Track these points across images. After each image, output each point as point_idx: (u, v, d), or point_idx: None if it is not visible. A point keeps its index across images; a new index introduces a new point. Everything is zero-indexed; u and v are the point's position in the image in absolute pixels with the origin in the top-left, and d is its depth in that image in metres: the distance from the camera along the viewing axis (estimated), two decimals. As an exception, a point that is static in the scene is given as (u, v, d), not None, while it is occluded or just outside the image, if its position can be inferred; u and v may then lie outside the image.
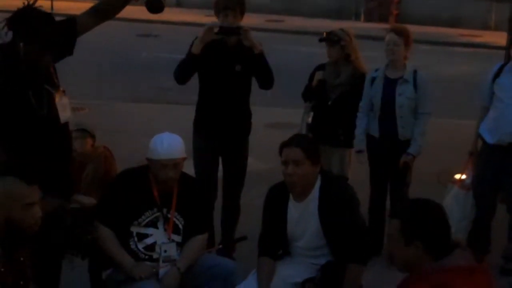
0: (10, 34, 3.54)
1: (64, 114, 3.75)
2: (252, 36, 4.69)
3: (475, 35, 18.13)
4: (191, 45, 4.73)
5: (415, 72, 5.09)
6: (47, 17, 3.55)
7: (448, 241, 2.69)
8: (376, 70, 5.21)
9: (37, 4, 3.65)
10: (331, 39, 5.23)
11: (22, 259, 3.05)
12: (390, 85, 5.07)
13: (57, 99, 3.70)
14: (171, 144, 3.84)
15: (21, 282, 3.04)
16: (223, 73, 4.78)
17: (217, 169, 5.03)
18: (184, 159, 3.90)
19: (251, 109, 5.04)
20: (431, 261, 2.64)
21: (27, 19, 3.49)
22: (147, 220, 3.84)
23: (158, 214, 3.84)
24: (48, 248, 3.49)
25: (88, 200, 5.60)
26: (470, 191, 5.11)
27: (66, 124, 3.83)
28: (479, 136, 5.08)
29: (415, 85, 5.03)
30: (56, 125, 3.69)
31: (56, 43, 3.60)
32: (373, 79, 5.14)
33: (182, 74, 4.77)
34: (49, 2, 17.61)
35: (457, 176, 5.27)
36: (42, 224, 3.00)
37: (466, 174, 5.19)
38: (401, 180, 5.17)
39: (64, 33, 3.73)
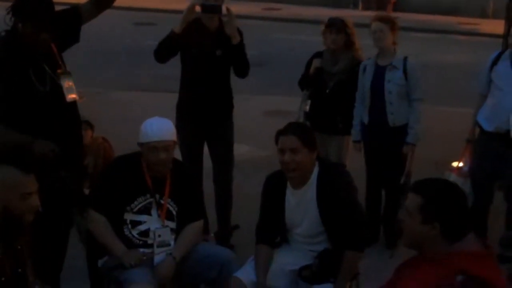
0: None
1: (70, 94, 3.83)
2: (236, 22, 4.71)
3: (473, 23, 18.12)
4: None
5: (405, 59, 5.11)
6: (45, 1, 3.66)
7: (465, 228, 2.65)
8: (368, 59, 5.23)
9: None
10: (338, 26, 5.22)
11: (19, 247, 3.05)
12: (379, 72, 5.11)
13: (61, 79, 3.79)
14: (160, 127, 3.84)
15: (19, 270, 3.05)
16: (204, 57, 4.81)
17: (202, 153, 5.04)
18: (175, 142, 3.90)
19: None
20: (444, 243, 2.61)
21: (25, 2, 3.64)
22: (139, 206, 3.83)
23: (151, 200, 3.84)
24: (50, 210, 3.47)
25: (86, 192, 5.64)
26: (467, 178, 5.12)
27: (74, 103, 3.89)
28: (476, 123, 5.09)
29: (405, 72, 5.05)
30: (61, 103, 3.78)
31: (58, 28, 3.73)
32: (365, 68, 5.17)
33: (162, 52, 4.82)
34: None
35: (455, 164, 5.28)
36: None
37: (463, 162, 5.20)
38: (399, 169, 5.18)
39: (69, 21, 3.89)
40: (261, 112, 5.67)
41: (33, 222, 3.04)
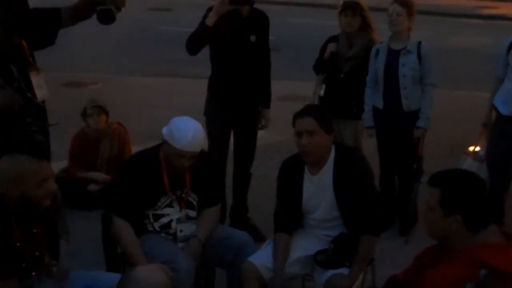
0: None
1: (40, 91, 3.77)
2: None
3: (491, 6, 17.95)
4: (204, 16, 4.73)
5: (419, 43, 5.05)
6: (19, 4, 3.60)
7: (487, 217, 2.62)
8: (381, 42, 5.18)
9: None
10: (354, 9, 5.18)
11: (35, 231, 3.09)
12: (393, 56, 5.05)
13: (32, 78, 3.73)
14: (195, 137, 3.70)
15: (37, 253, 3.09)
16: (238, 44, 4.78)
17: (229, 139, 5.05)
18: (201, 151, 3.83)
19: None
20: (467, 234, 2.58)
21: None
22: (163, 205, 3.81)
23: (173, 196, 3.82)
24: None
25: (101, 177, 5.67)
26: (483, 163, 5.09)
27: (43, 104, 3.84)
28: (493, 107, 5.05)
29: (419, 56, 5.00)
30: (29, 101, 3.70)
31: (33, 26, 3.68)
32: (377, 51, 5.12)
33: (195, 45, 4.76)
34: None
35: (471, 148, 5.25)
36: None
37: (479, 146, 5.17)
38: (413, 154, 5.16)
39: (47, 21, 3.80)
40: (276, 97, 5.67)
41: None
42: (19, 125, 3.61)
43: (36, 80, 3.75)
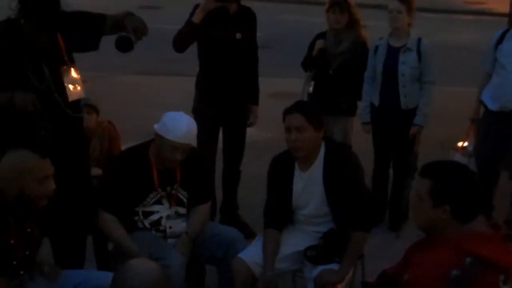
0: None
1: (74, 91, 3.77)
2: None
3: (479, 2, 17.99)
4: (191, 13, 4.74)
5: (419, 40, 5.06)
6: (50, 4, 3.61)
7: (476, 209, 2.65)
8: (380, 38, 5.19)
9: None
10: (341, 6, 5.19)
11: (29, 230, 3.10)
12: (393, 53, 5.05)
13: (64, 77, 3.73)
14: (190, 129, 3.74)
15: (28, 252, 3.09)
16: (225, 41, 4.79)
17: (218, 136, 5.06)
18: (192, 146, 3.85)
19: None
20: (456, 225, 2.60)
21: (30, 1, 3.57)
22: (152, 201, 3.83)
23: (162, 193, 3.83)
24: None
25: (95, 172, 5.66)
26: (472, 158, 5.12)
27: (77, 101, 3.84)
28: (481, 102, 5.08)
29: (418, 54, 5.01)
30: (55, 104, 3.70)
31: (75, 28, 3.73)
32: (376, 48, 5.13)
33: (182, 42, 4.79)
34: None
35: (459, 144, 5.28)
36: None
37: (468, 141, 5.20)
38: (408, 150, 5.18)
39: (91, 25, 3.82)
40: (266, 94, 5.69)
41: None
42: (26, 124, 3.61)
43: (69, 80, 3.75)
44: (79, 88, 3.81)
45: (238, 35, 4.82)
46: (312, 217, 3.77)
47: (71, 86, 3.76)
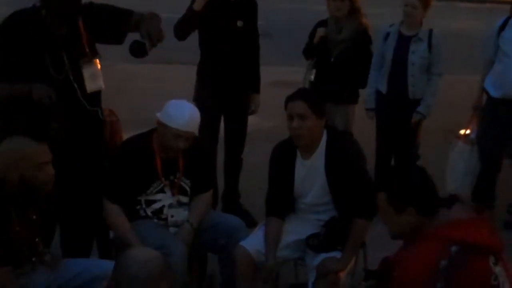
0: None
1: (93, 83, 3.75)
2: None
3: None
4: (192, 1, 4.72)
5: (430, 31, 5.04)
6: None
7: (437, 198, 2.68)
8: (391, 25, 5.16)
9: None
10: None
11: (34, 217, 3.09)
12: (403, 42, 5.03)
13: (83, 68, 3.71)
14: (192, 117, 3.72)
15: (36, 240, 3.09)
16: (225, 29, 4.77)
17: (219, 125, 5.04)
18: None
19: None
20: (429, 220, 2.63)
21: None
22: (155, 190, 3.81)
23: (165, 182, 3.82)
24: None
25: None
26: (474, 146, 5.11)
27: (96, 94, 3.82)
28: (483, 90, 5.06)
29: (429, 45, 5.00)
30: (74, 95, 3.69)
31: (100, 20, 3.72)
32: (387, 35, 5.09)
33: (182, 30, 4.78)
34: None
35: (462, 132, 5.27)
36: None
37: (470, 129, 5.18)
38: (411, 138, 5.17)
39: (117, 19, 3.78)
40: (268, 83, 5.67)
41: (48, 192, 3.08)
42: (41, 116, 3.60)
43: (88, 71, 3.72)
44: (98, 80, 3.79)
45: (239, 23, 4.80)
46: (314, 205, 3.76)
47: (90, 78, 3.74)
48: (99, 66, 3.79)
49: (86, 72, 3.72)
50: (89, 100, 3.76)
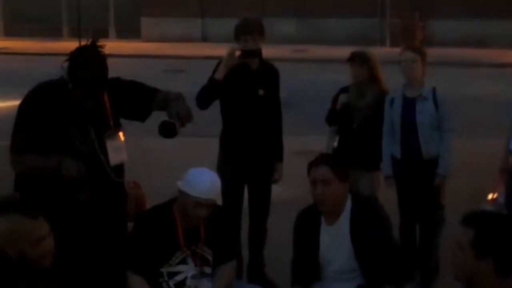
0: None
1: (117, 155, 3.78)
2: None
3: (502, 55, 18.03)
4: (214, 70, 4.78)
5: (434, 89, 5.05)
6: (100, 63, 3.61)
7: None
8: (395, 90, 5.18)
9: None
10: (360, 59, 5.21)
11: None
12: (409, 104, 5.04)
13: (107, 142, 3.74)
14: (213, 184, 3.71)
15: None
16: (247, 97, 4.81)
17: (243, 196, 5.02)
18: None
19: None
20: (497, 279, 2.48)
21: (77, 67, 3.58)
22: (177, 261, 3.79)
23: (187, 252, 3.79)
24: None
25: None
26: (503, 209, 5.01)
27: (120, 166, 3.85)
28: (509, 152, 5.00)
29: (435, 103, 5.00)
30: (100, 167, 3.71)
31: (126, 97, 3.77)
32: (392, 100, 5.11)
33: (205, 99, 4.81)
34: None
35: (490, 196, 5.19)
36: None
37: (498, 192, 5.10)
38: (433, 203, 5.09)
39: (141, 97, 3.84)
40: (290, 152, 5.68)
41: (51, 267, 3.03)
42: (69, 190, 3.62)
43: (112, 144, 3.76)
44: (122, 153, 3.82)
45: (260, 92, 4.84)
46: (341, 273, 3.70)
47: (113, 151, 3.76)
48: (122, 138, 3.82)
49: (110, 145, 3.75)
50: (115, 172, 3.79)
